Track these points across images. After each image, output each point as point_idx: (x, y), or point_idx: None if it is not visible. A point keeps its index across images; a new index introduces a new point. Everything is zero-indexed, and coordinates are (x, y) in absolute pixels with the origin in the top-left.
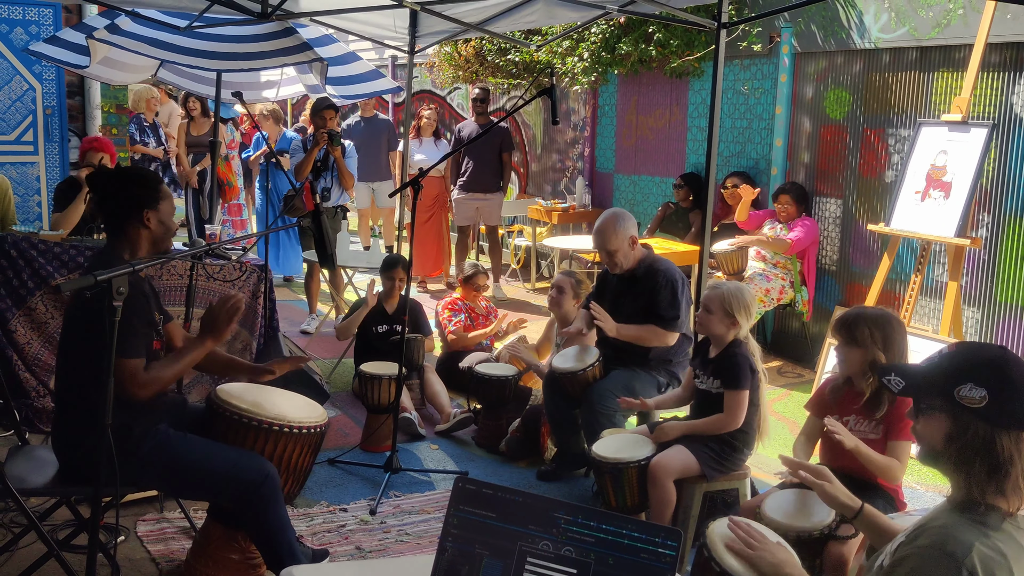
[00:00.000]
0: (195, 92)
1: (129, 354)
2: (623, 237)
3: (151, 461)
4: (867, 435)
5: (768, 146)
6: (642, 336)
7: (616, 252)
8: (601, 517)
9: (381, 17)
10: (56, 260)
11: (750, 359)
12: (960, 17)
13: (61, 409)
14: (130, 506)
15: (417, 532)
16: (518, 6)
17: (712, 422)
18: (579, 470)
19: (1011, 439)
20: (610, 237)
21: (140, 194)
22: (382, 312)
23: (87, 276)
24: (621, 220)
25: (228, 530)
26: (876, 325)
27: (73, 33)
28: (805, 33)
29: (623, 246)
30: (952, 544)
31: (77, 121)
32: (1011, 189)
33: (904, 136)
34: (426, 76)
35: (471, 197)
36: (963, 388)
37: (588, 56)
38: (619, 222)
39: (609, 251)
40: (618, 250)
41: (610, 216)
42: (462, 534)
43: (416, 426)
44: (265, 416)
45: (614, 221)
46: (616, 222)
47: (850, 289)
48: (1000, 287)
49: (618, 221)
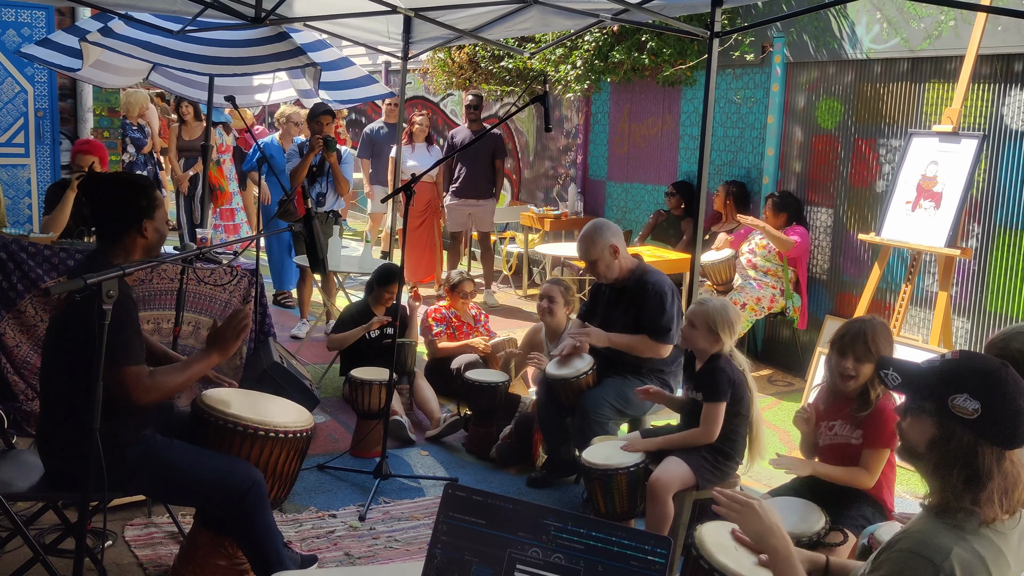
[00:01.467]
0: (187, 96)
1: (132, 360)
2: (603, 247)
3: (138, 466)
4: (848, 439)
5: (760, 155)
6: (635, 346)
7: (597, 262)
8: (591, 524)
9: (375, 23)
10: (46, 263)
11: (729, 372)
12: (951, 29)
13: (47, 413)
14: (118, 511)
15: (407, 538)
16: (512, 13)
17: (687, 436)
18: (569, 477)
19: (993, 454)
20: (589, 248)
21: (141, 204)
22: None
23: (77, 279)
24: (600, 230)
25: (216, 536)
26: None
27: (66, 36)
28: (797, 43)
29: (604, 255)
30: (930, 549)
31: (69, 124)
32: (1001, 200)
33: (895, 146)
34: (419, 82)
35: (463, 203)
36: (958, 398)
37: (581, 64)
38: (598, 232)
39: (590, 261)
40: (599, 260)
41: (589, 227)
42: (451, 541)
43: (406, 430)
44: (250, 421)
45: (592, 231)
46: (595, 232)
47: (840, 299)
48: (990, 297)
49: (597, 231)
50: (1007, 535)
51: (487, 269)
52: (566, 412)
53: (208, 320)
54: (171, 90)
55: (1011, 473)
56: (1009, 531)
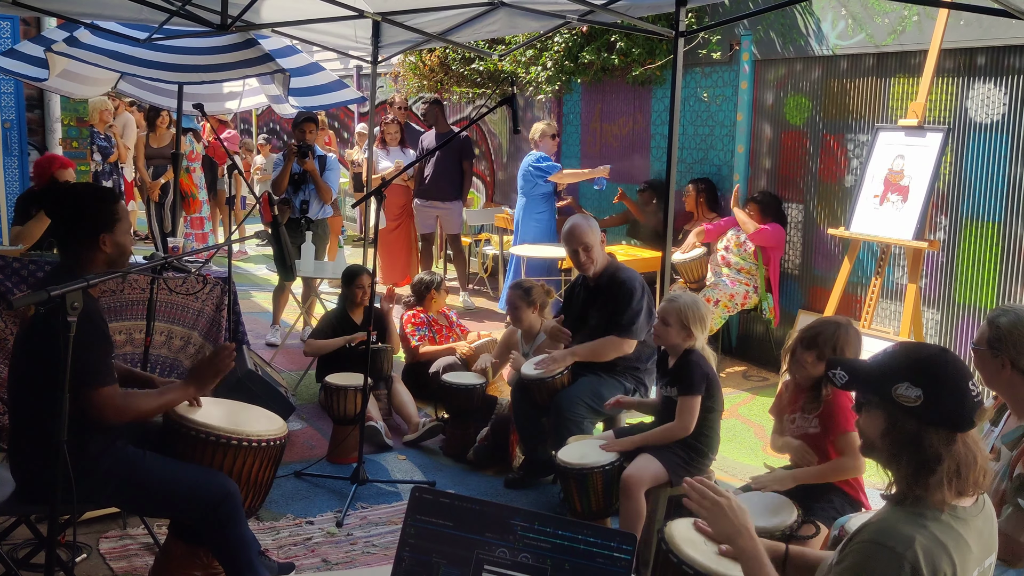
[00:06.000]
0: (157, 104)
1: (105, 381)
2: (597, 233)
3: (109, 478)
4: (807, 429)
5: (730, 152)
6: (597, 351)
7: (592, 247)
8: (557, 523)
9: (343, 28)
10: (15, 276)
11: (703, 366)
12: (915, 24)
13: (16, 427)
14: (92, 523)
15: (384, 543)
16: (479, 16)
17: (664, 432)
18: (547, 477)
19: (940, 438)
20: (586, 231)
21: (100, 218)
22: (351, 324)
23: (40, 291)
24: (590, 220)
25: (190, 546)
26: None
27: (31, 46)
28: (764, 40)
29: (596, 243)
30: (891, 538)
31: (37, 135)
32: (967, 192)
33: (862, 141)
34: (391, 86)
35: (429, 205)
36: (900, 387)
37: (551, 65)
38: (588, 221)
39: (587, 244)
40: (594, 245)
41: (579, 217)
42: (419, 543)
43: (382, 435)
44: (223, 431)
45: (582, 221)
46: (587, 220)
47: (812, 293)
48: (958, 289)
49: (588, 220)
50: (968, 521)
51: (460, 272)
52: (542, 412)
53: (181, 330)
54: (141, 98)
55: (962, 455)
56: (971, 517)
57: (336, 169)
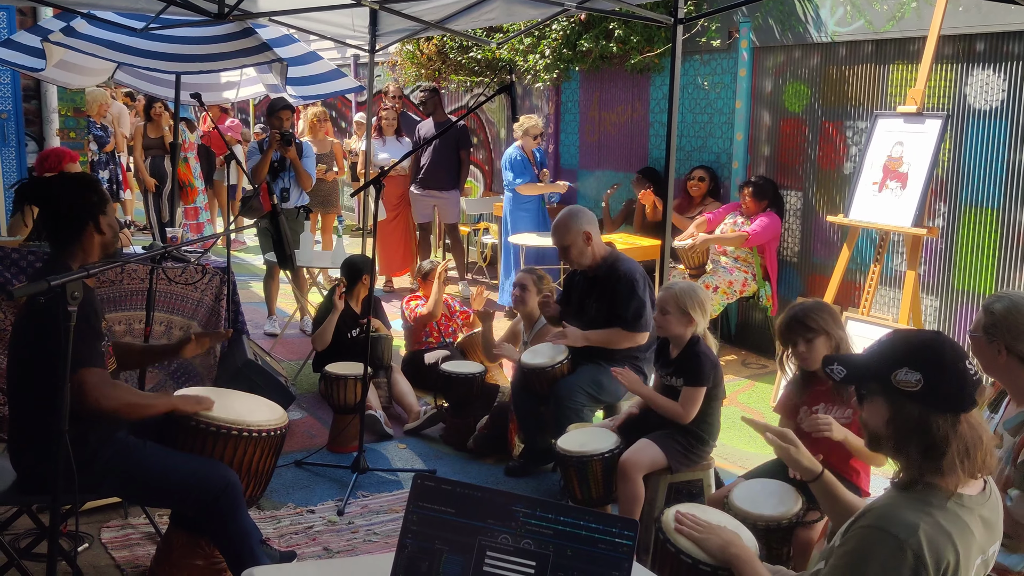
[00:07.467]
0: (154, 94)
1: (94, 362)
2: (576, 233)
3: (110, 468)
4: (839, 420)
5: (729, 140)
6: (611, 339)
7: (570, 247)
8: (559, 509)
9: (340, 16)
10: (14, 266)
11: (711, 357)
12: (914, 10)
13: (15, 417)
14: (94, 513)
15: (385, 531)
16: (477, 4)
17: (669, 405)
18: (547, 465)
19: (946, 420)
20: (563, 233)
21: (92, 200)
22: (352, 315)
23: (40, 281)
24: (574, 217)
25: (191, 536)
26: (820, 310)
27: (28, 36)
28: (763, 28)
29: (577, 241)
30: (895, 524)
31: (34, 125)
32: (966, 179)
33: (861, 128)
34: (389, 75)
35: (426, 194)
36: (899, 372)
37: (550, 53)
38: (572, 219)
39: (563, 246)
40: (572, 245)
41: (564, 213)
42: (422, 530)
43: (382, 424)
44: (223, 421)
45: (567, 218)
46: (569, 219)
47: (811, 280)
48: (957, 275)
49: (571, 218)
50: (974, 510)
51: (458, 260)
52: (541, 401)
53: (180, 320)
54: (138, 88)
55: (968, 435)
56: (977, 506)
57: (311, 156)
